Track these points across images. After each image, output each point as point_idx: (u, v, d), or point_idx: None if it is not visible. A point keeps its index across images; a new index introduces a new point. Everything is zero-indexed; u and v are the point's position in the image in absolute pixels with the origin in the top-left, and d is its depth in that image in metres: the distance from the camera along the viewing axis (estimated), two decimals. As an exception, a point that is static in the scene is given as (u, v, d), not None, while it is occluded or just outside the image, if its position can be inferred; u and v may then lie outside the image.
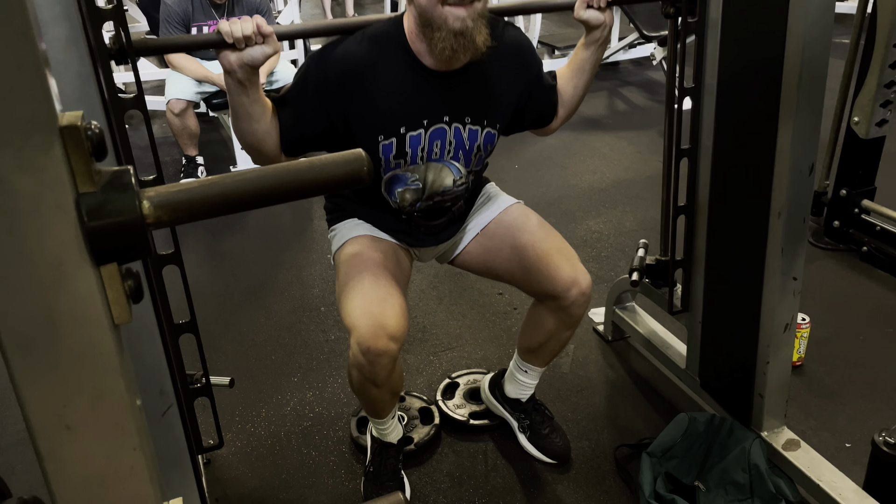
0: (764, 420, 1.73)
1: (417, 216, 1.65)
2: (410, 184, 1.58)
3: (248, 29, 1.28)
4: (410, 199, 1.60)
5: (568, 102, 1.71)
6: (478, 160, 1.62)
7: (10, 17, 0.42)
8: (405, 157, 1.53)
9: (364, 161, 0.56)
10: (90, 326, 0.50)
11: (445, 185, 1.60)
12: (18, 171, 0.45)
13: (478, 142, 1.58)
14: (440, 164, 1.57)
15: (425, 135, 1.52)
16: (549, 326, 1.72)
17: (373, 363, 1.46)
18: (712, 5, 1.58)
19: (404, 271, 1.69)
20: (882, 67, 2.47)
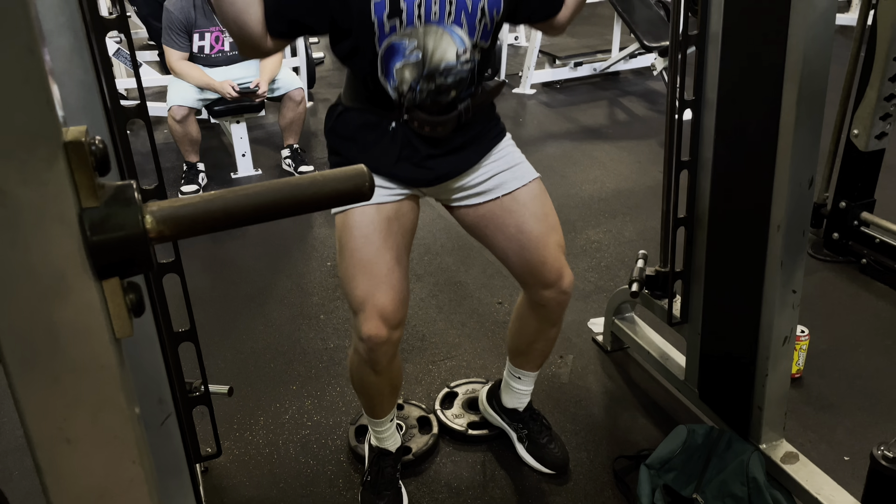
0: (762, 433, 1.73)
1: (421, 113, 1.47)
2: (409, 55, 1.41)
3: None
4: (410, 78, 1.43)
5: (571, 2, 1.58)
6: (483, 30, 1.45)
7: (17, 33, 0.43)
8: (400, 15, 1.37)
9: (366, 176, 0.56)
10: (91, 340, 0.50)
11: (448, 58, 1.42)
12: (22, 185, 0.45)
13: (481, 3, 1.42)
14: (441, 28, 1.41)
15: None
16: (534, 324, 1.72)
17: (373, 350, 1.50)
18: (713, 19, 1.58)
19: (408, 233, 1.60)
20: (882, 80, 2.48)
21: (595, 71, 5.26)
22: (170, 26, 3.49)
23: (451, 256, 2.95)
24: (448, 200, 1.66)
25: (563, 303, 1.66)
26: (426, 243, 3.04)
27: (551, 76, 5.22)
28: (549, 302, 1.65)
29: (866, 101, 2.55)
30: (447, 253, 2.98)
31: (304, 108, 3.80)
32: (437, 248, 3.02)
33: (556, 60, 5.21)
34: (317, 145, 4.26)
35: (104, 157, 0.48)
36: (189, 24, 3.50)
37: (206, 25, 3.55)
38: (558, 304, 1.66)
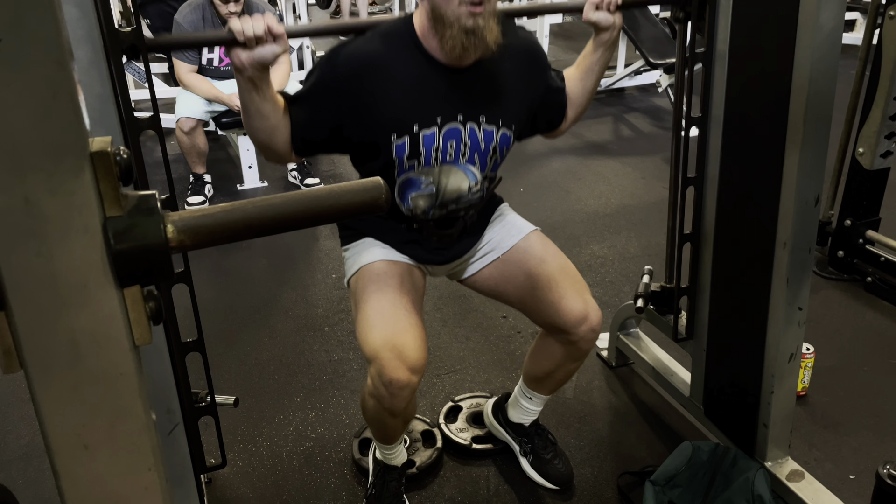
0: (768, 450, 1.73)
1: (430, 224, 1.61)
2: (424, 188, 1.53)
3: (260, 28, 1.28)
4: (423, 205, 1.55)
5: (576, 103, 1.70)
6: (493, 164, 1.59)
7: (47, 46, 0.44)
8: (419, 157, 1.49)
9: (382, 189, 0.57)
10: (111, 347, 0.51)
11: (461, 190, 1.54)
12: (49, 195, 0.46)
13: (493, 143, 1.55)
14: (455, 166, 1.53)
15: (439, 134, 1.49)
16: (557, 358, 1.71)
17: (394, 395, 1.45)
18: (719, 37, 1.60)
19: (419, 292, 1.66)
20: (887, 100, 2.50)
21: (600, 87, 5.28)
22: (179, 39, 3.52)
23: (455, 270, 2.95)
24: (456, 275, 1.77)
25: (591, 340, 1.64)
26: (431, 257, 3.04)
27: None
28: (580, 340, 1.63)
29: (871, 119, 2.56)
30: (452, 267, 2.98)
31: (310, 121, 3.82)
32: (442, 261, 3.02)
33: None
34: (323, 158, 4.28)
35: (128, 167, 0.49)
36: (198, 37, 3.53)
37: (216, 39, 3.57)
38: (587, 341, 1.64)
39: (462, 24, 1.37)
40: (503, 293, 1.72)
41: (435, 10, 1.39)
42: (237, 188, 3.91)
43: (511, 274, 1.68)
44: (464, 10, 1.36)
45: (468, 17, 1.36)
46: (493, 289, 1.73)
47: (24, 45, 0.43)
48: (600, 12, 1.55)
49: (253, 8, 3.58)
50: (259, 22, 1.28)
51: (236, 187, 3.92)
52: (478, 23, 1.37)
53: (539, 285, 1.63)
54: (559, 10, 1.76)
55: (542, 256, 1.67)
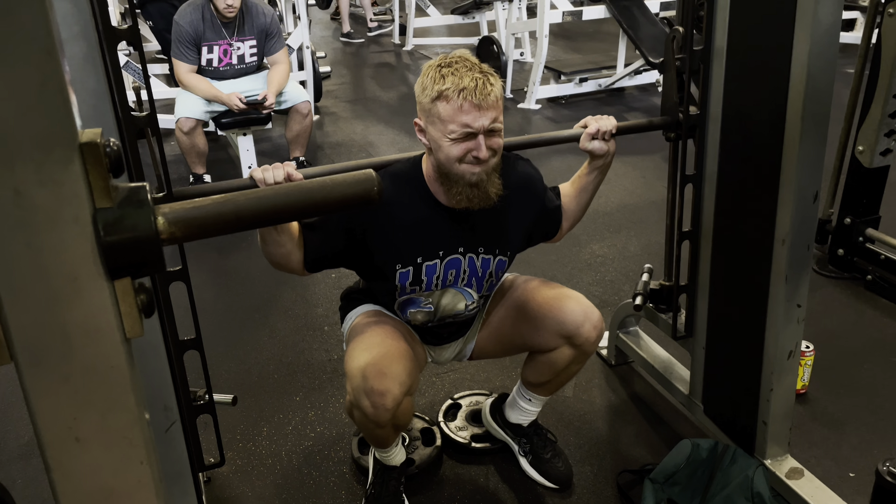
0: (767, 448, 1.72)
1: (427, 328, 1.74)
2: (423, 307, 1.66)
3: (280, 176, 1.39)
4: (422, 319, 1.69)
5: (572, 217, 1.81)
6: (489, 285, 1.70)
7: (36, 36, 0.44)
8: (420, 284, 1.61)
9: (374, 181, 0.57)
10: (103, 339, 0.50)
11: (458, 309, 1.68)
12: (38, 186, 0.46)
13: (490, 269, 1.66)
14: (454, 290, 1.65)
15: (441, 264, 1.60)
16: (561, 364, 1.72)
17: (376, 405, 1.48)
18: (718, 34, 1.60)
19: (419, 356, 1.72)
20: (886, 98, 2.49)
21: (600, 87, 5.28)
22: (179, 39, 3.52)
23: (455, 269, 2.95)
24: (461, 357, 1.87)
25: (595, 340, 1.68)
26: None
27: (556, 91, 5.24)
28: (584, 342, 1.66)
29: (871, 118, 2.56)
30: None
31: (310, 120, 3.82)
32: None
33: (561, 76, 5.24)
34: (322, 158, 4.28)
35: (118, 159, 0.49)
36: (198, 37, 3.54)
37: (215, 39, 3.58)
38: (592, 342, 1.68)
39: (466, 180, 1.48)
40: (506, 339, 1.79)
41: (440, 168, 1.50)
42: (237, 188, 3.91)
43: (500, 319, 1.78)
44: (466, 168, 1.46)
45: (471, 174, 1.47)
46: (498, 344, 1.82)
47: (13, 36, 0.43)
48: (596, 142, 1.71)
49: (252, 9, 3.58)
50: (279, 171, 1.39)
51: (236, 187, 3.91)
52: (481, 177, 1.48)
53: (529, 307, 1.71)
54: (556, 142, 1.84)
55: (518, 286, 1.77)
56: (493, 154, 1.48)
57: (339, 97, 5.54)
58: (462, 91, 1.41)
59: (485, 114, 1.43)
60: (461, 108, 1.41)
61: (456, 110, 1.42)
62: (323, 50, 6.63)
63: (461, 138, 1.44)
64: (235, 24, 3.56)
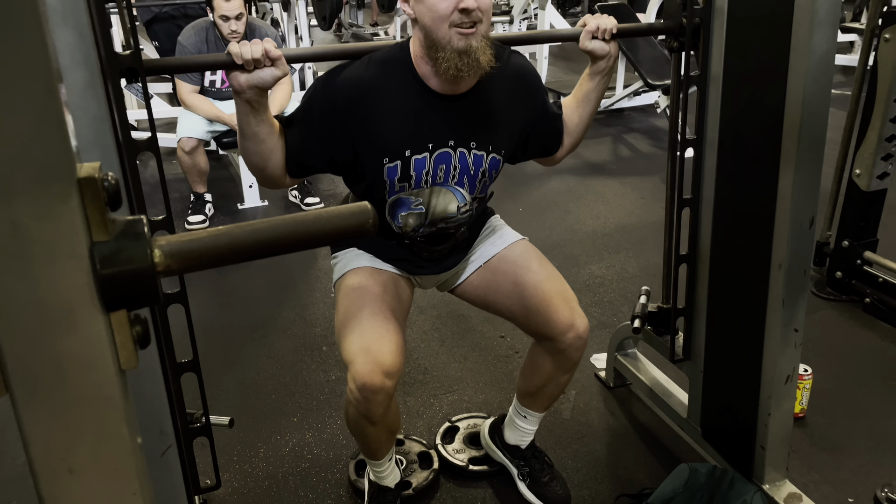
0: (766, 472, 1.72)
1: (420, 241, 1.64)
2: (414, 208, 1.57)
3: (258, 52, 1.31)
4: (413, 224, 1.59)
5: (573, 131, 1.72)
6: (482, 186, 1.62)
7: (36, 74, 0.44)
8: (409, 180, 1.52)
9: (370, 214, 0.58)
10: (97, 371, 0.51)
11: (449, 211, 1.59)
12: (35, 219, 0.46)
13: (482, 167, 1.57)
14: (445, 188, 1.56)
15: (430, 158, 1.52)
16: (547, 369, 1.71)
17: (368, 400, 1.46)
18: (714, 60, 1.61)
19: (404, 303, 1.68)
20: (883, 121, 2.51)
21: (599, 107, 5.31)
22: (181, 60, 3.55)
23: (454, 290, 2.95)
24: (445, 286, 1.79)
25: (579, 348, 1.65)
26: (430, 276, 3.04)
27: (556, 112, 5.27)
28: (567, 348, 1.63)
29: (868, 141, 2.57)
30: (450, 286, 2.98)
31: (311, 140, 3.84)
32: (441, 281, 3.03)
33: (560, 97, 5.26)
34: (323, 177, 4.30)
35: (116, 193, 0.50)
36: (200, 57, 3.56)
37: (217, 59, 3.61)
38: (575, 349, 1.64)
39: (454, 45, 1.39)
40: (491, 302, 1.72)
41: (427, 36, 1.42)
42: (238, 207, 3.92)
43: (497, 283, 1.69)
44: (454, 32, 1.38)
45: (459, 38, 1.38)
46: (482, 298, 1.74)
47: (10, 72, 0.44)
48: (596, 41, 1.62)
49: (255, 29, 3.62)
50: (257, 46, 1.31)
51: (237, 206, 3.93)
52: (470, 43, 1.39)
53: (526, 295, 1.64)
54: (554, 40, 1.81)
55: (527, 265, 1.68)
56: (482, 14, 1.39)
57: (339, 116, 5.56)
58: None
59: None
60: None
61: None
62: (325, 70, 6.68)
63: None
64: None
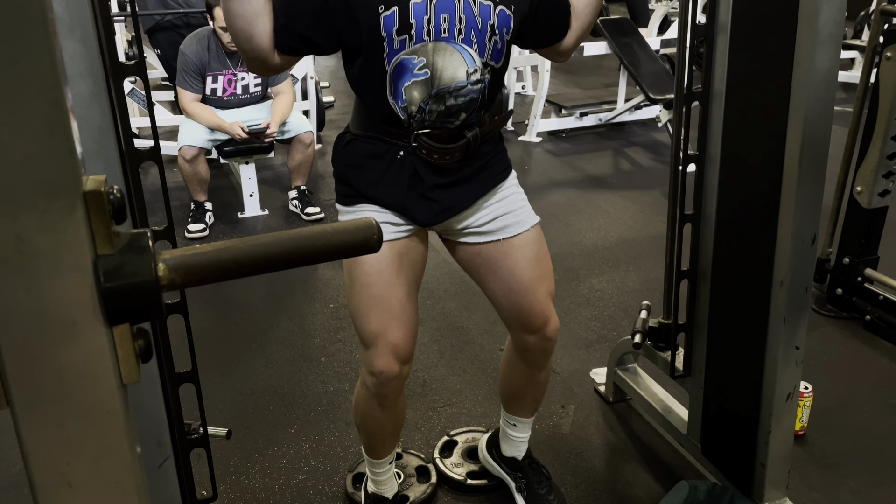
0: (766, 490, 1.71)
1: (429, 141, 1.47)
2: (417, 73, 1.40)
3: None
4: (419, 97, 1.42)
5: (581, 12, 1.58)
6: (493, 48, 1.44)
7: (44, 89, 0.44)
8: (409, 30, 1.37)
9: (374, 229, 0.58)
10: (99, 385, 0.50)
11: (458, 77, 1.41)
12: (41, 233, 0.46)
13: (491, 20, 1.41)
14: (450, 45, 1.40)
15: (430, 3, 1.37)
16: (521, 368, 1.73)
17: (384, 385, 1.52)
18: (717, 75, 1.62)
19: (418, 267, 1.61)
20: (884, 139, 2.51)
21: (601, 121, 5.33)
22: (184, 68, 3.56)
23: (453, 301, 2.95)
24: (450, 234, 1.66)
25: (547, 349, 1.67)
26: (430, 287, 3.04)
27: (557, 125, 5.29)
28: (533, 347, 1.65)
29: (869, 159, 2.58)
30: (450, 297, 2.98)
31: (312, 150, 3.85)
32: (441, 292, 3.02)
33: (562, 110, 5.29)
34: (324, 187, 4.30)
35: (121, 206, 0.49)
36: (203, 67, 3.58)
37: (220, 69, 3.62)
38: (543, 350, 1.66)
39: None
40: (481, 276, 1.66)
41: None
42: (238, 216, 3.92)
43: (497, 264, 1.62)
44: None
45: None
46: (475, 268, 1.66)
47: (19, 86, 0.43)
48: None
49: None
50: None
51: (237, 215, 3.93)
52: None
53: (516, 287, 1.61)
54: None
55: (531, 258, 1.62)
56: None
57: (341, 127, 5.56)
58: None
59: None
60: None
61: None
62: (327, 80, 6.70)
63: None
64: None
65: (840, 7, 1.35)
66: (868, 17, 6.54)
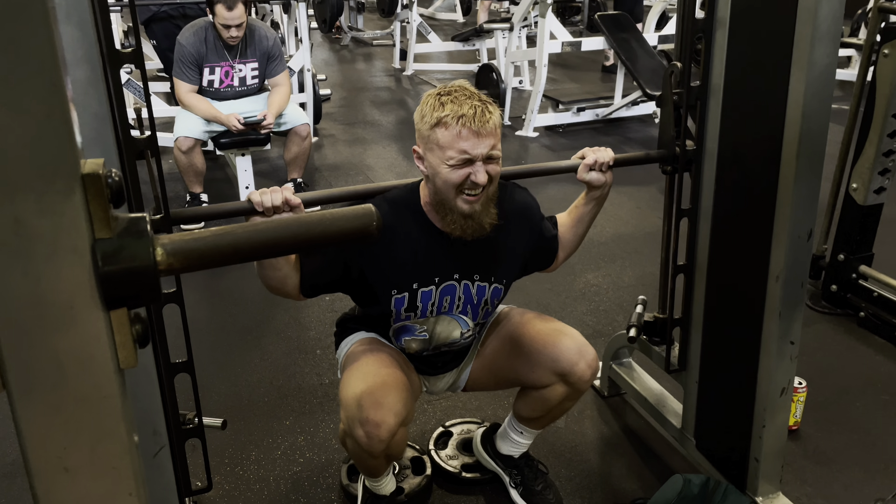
0: (759, 485, 1.71)
1: (420, 365, 1.76)
2: (418, 335, 1.67)
3: (278, 200, 1.39)
4: (416, 348, 1.69)
5: (568, 247, 1.82)
6: (485, 313, 1.70)
7: (43, 70, 0.44)
8: (416, 310, 1.62)
9: (373, 216, 0.57)
10: (96, 369, 0.50)
11: (453, 337, 1.69)
12: (38, 216, 0.46)
13: (485, 297, 1.66)
14: (449, 317, 1.66)
15: (436, 291, 1.61)
16: (554, 401, 1.71)
17: (370, 435, 1.47)
18: (715, 72, 1.62)
19: (414, 385, 1.71)
20: (881, 137, 2.52)
21: (597, 116, 5.33)
22: (181, 59, 3.54)
23: (449, 295, 2.95)
24: (455, 388, 1.86)
25: (590, 379, 1.68)
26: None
27: (554, 120, 5.28)
28: (577, 380, 1.66)
29: (865, 156, 2.58)
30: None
31: (309, 143, 3.84)
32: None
33: (559, 105, 5.28)
34: (319, 180, 4.29)
35: (119, 190, 0.49)
36: (200, 58, 3.56)
37: (217, 60, 3.60)
38: (585, 381, 1.67)
39: (460, 209, 1.50)
40: (500, 372, 1.77)
41: (437, 195, 1.51)
42: (233, 208, 3.91)
43: (496, 351, 1.77)
44: (462, 199, 1.49)
45: (465, 203, 1.49)
46: (492, 376, 1.81)
47: (18, 68, 0.43)
48: (593, 173, 1.74)
49: (254, 30, 3.62)
50: (277, 195, 1.39)
51: (233, 207, 3.91)
52: (475, 209, 1.50)
53: (524, 341, 1.70)
54: (554, 172, 1.87)
55: (514, 318, 1.77)
56: (490, 181, 1.49)
57: (338, 120, 5.57)
58: (461, 118, 1.42)
59: (483, 141, 1.44)
60: (460, 135, 1.43)
61: (455, 137, 1.43)
62: (324, 73, 6.69)
63: (459, 164, 1.45)
64: (238, 46, 3.59)
65: (839, 3, 1.36)
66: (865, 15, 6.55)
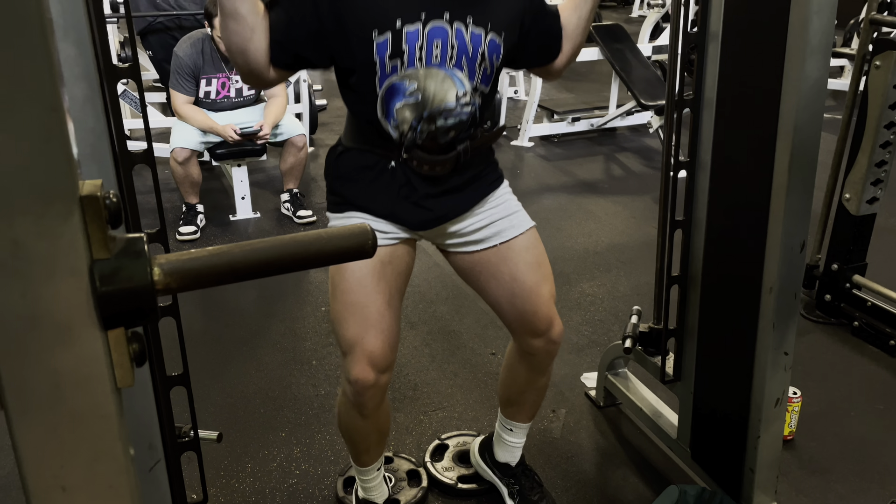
0: (754, 495, 1.72)
1: (420, 153, 1.49)
2: (408, 96, 1.43)
3: None
4: (410, 117, 1.45)
5: (572, 34, 1.60)
6: (483, 74, 1.48)
7: (42, 93, 0.44)
8: (401, 56, 1.40)
9: (369, 235, 0.58)
10: (93, 389, 0.50)
11: (448, 100, 1.44)
12: (36, 238, 0.46)
13: (482, 48, 1.45)
14: (441, 70, 1.43)
15: (423, 31, 1.40)
16: (523, 373, 1.73)
17: (361, 394, 1.51)
18: (708, 83, 1.63)
19: (402, 276, 1.61)
20: (873, 147, 2.54)
21: (592, 126, 5.35)
22: (178, 71, 3.56)
23: (445, 305, 2.95)
24: (444, 245, 1.67)
25: (552, 352, 1.67)
26: (421, 291, 3.05)
27: (549, 130, 5.31)
28: (538, 351, 1.66)
29: (858, 166, 2.60)
30: (441, 301, 2.98)
31: (305, 153, 3.85)
32: (432, 296, 3.03)
33: (554, 115, 5.30)
34: (316, 190, 4.30)
35: (117, 211, 0.50)
36: (196, 69, 3.57)
37: (213, 72, 3.62)
38: (547, 353, 1.67)
39: None
40: (482, 284, 1.66)
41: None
42: (230, 219, 3.91)
43: (498, 270, 1.62)
44: None
45: None
46: (476, 277, 1.66)
47: (16, 91, 0.44)
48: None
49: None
50: None
51: (229, 218, 3.92)
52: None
53: (519, 292, 1.61)
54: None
55: (531, 262, 1.62)
56: None
57: (334, 130, 5.58)
58: None
59: None
60: None
61: None
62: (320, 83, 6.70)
63: None
64: (234, 57, 3.60)
65: (829, 17, 1.37)
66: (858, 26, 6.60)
